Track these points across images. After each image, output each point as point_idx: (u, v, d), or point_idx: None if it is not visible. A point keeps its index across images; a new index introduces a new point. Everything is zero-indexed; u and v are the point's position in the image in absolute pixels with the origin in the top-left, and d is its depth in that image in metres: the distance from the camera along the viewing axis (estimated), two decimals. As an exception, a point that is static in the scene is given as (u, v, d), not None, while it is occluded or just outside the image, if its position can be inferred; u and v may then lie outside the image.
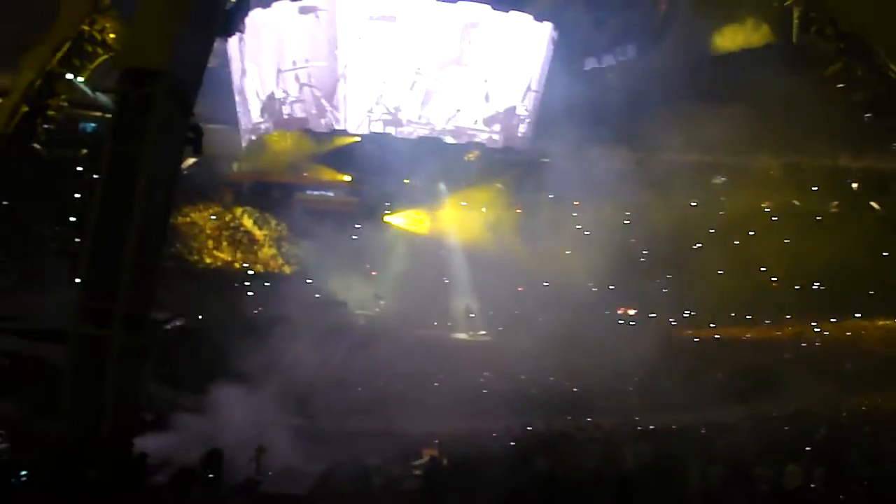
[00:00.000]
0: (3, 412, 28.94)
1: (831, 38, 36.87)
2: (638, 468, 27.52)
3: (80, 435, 22.33)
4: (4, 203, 43.44)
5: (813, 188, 52.24)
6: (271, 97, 48.85)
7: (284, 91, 48.68)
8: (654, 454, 28.94)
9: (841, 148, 49.11)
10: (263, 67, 48.85)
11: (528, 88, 49.20)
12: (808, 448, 29.02)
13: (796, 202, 52.96)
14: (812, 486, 25.05)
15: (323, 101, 47.42)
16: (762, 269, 50.36)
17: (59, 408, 23.34)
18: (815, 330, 50.53)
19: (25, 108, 35.85)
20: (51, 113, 37.45)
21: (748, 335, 50.10)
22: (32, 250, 44.49)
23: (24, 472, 22.72)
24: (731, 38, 48.21)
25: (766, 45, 45.39)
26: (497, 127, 49.33)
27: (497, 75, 48.65)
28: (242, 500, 23.95)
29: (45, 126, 38.13)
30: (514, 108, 49.41)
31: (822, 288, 51.35)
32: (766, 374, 43.04)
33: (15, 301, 40.23)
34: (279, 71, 48.48)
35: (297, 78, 48.05)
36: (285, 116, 48.90)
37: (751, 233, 51.98)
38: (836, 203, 53.58)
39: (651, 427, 34.85)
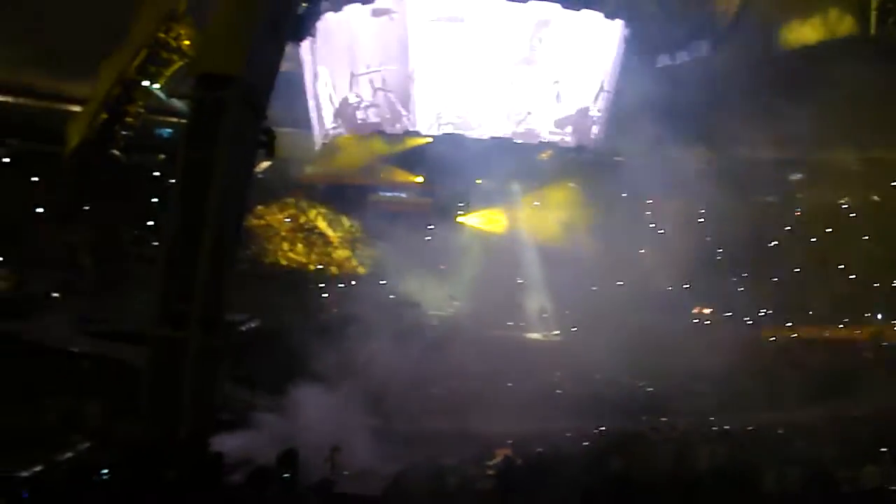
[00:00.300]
0: (85, 413, 29.56)
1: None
2: (713, 469, 27.25)
3: (158, 435, 22.73)
4: (86, 208, 44.25)
5: (893, 183, 51.11)
6: (345, 102, 49.41)
7: (358, 95, 49.18)
8: (729, 455, 28.68)
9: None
10: (336, 71, 49.33)
11: (601, 88, 49.08)
12: (886, 449, 28.49)
13: (876, 198, 51.91)
14: (891, 487, 24.64)
15: (397, 104, 47.79)
16: (840, 266, 49.40)
17: (138, 409, 23.82)
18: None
19: (105, 115, 36.56)
20: (129, 119, 38.14)
21: (826, 334, 49.08)
22: (113, 254, 45.27)
23: (104, 472, 23.15)
24: (808, 32, 47.52)
25: (845, 38, 44.69)
26: (569, 129, 49.43)
27: (568, 75, 48.64)
28: (318, 500, 24.13)
29: (124, 132, 38.80)
30: (587, 108, 49.43)
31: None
32: (845, 374, 42.24)
33: (96, 304, 41.02)
34: (352, 75, 48.97)
35: (370, 82, 48.47)
36: (359, 121, 49.43)
37: (828, 230, 50.99)
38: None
39: (726, 427, 34.46)
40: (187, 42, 36.86)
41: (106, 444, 25.35)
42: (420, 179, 54.27)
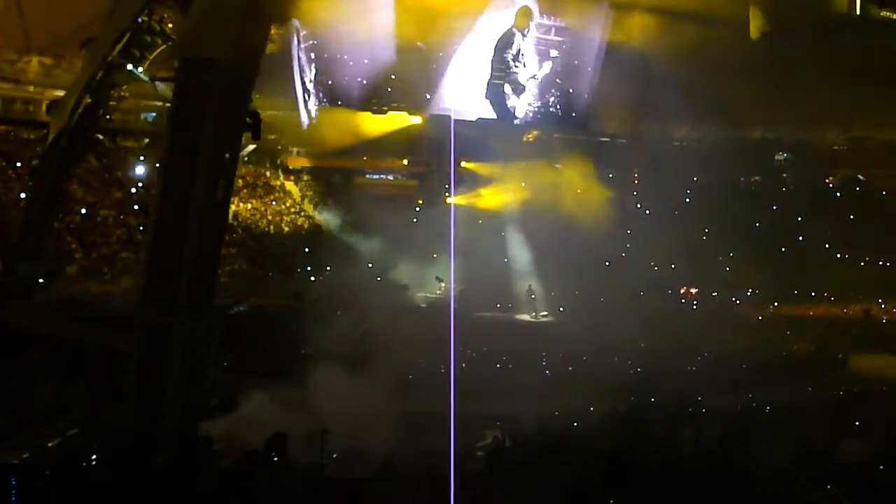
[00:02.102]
0: (72, 399, 29.43)
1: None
2: (702, 449, 27.37)
3: (146, 421, 22.69)
4: (71, 194, 44.08)
5: (879, 163, 51.30)
6: (330, 82, 49.16)
7: (344, 76, 49.00)
8: (718, 434, 28.78)
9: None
10: (323, 52, 49.12)
11: (586, 68, 49.05)
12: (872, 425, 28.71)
13: (861, 177, 52.09)
14: (879, 465, 24.79)
15: (384, 85, 47.68)
16: (826, 245, 49.58)
17: (126, 395, 23.74)
18: (883, 307, 49.57)
19: (88, 100, 36.27)
20: (113, 104, 37.85)
21: (812, 313, 49.23)
22: (99, 239, 45.12)
23: (93, 458, 23.09)
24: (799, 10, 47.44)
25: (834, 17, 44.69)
26: (555, 109, 49.27)
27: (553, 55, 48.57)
28: (307, 484, 24.12)
29: (108, 117, 38.55)
30: (571, 88, 49.26)
31: (887, 265, 50.41)
32: (832, 352, 42.40)
33: (83, 289, 40.87)
34: (338, 56, 48.76)
35: (357, 62, 48.31)
36: (344, 102, 49.23)
37: (813, 209, 51.16)
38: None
39: (715, 407, 34.55)
40: (171, 25, 36.56)
41: (94, 431, 25.22)
42: (406, 161, 54.21)
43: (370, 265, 47.60)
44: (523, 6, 48.59)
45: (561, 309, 47.90)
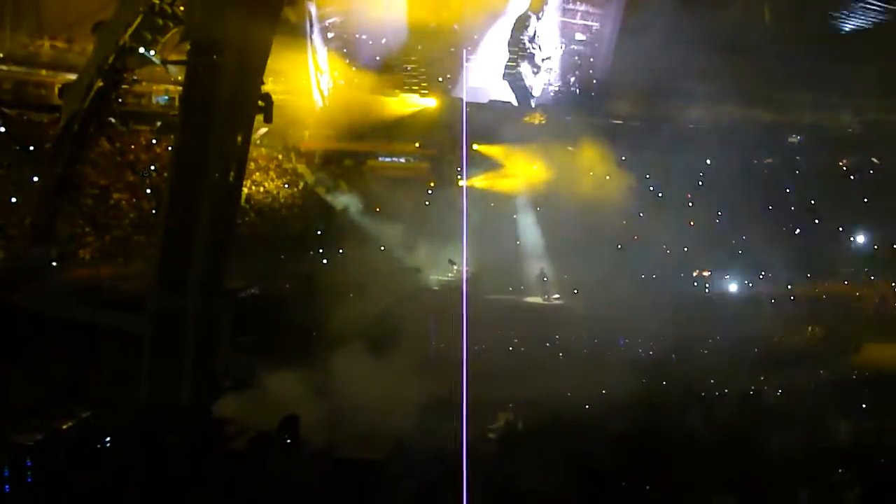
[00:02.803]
0: (86, 382, 29.58)
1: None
2: (711, 432, 27.44)
3: (159, 402, 22.80)
4: (84, 176, 44.15)
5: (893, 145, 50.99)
6: (342, 63, 49.30)
7: (357, 56, 49.11)
8: (730, 417, 28.85)
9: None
10: (337, 33, 49.22)
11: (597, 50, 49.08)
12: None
13: (875, 160, 51.85)
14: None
15: (397, 65, 47.76)
16: (840, 228, 49.42)
17: (139, 376, 23.84)
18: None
19: (100, 83, 36.23)
20: (125, 87, 37.82)
21: (825, 295, 49.09)
22: (112, 222, 45.20)
23: (107, 440, 23.23)
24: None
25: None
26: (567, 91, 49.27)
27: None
28: (319, 465, 24.21)
29: (120, 100, 38.54)
30: (585, 71, 49.22)
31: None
32: (845, 335, 42.37)
33: (96, 272, 40.99)
34: (352, 36, 48.84)
35: (369, 42, 48.36)
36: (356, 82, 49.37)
37: (826, 191, 50.96)
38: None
39: (725, 391, 34.60)
40: (182, 8, 36.50)
41: (108, 413, 25.35)
42: (418, 144, 54.15)
43: (382, 248, 47.58)
44: None
45: (575, 291, 47.84)
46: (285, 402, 26.80)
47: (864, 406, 31.79)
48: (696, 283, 50.74)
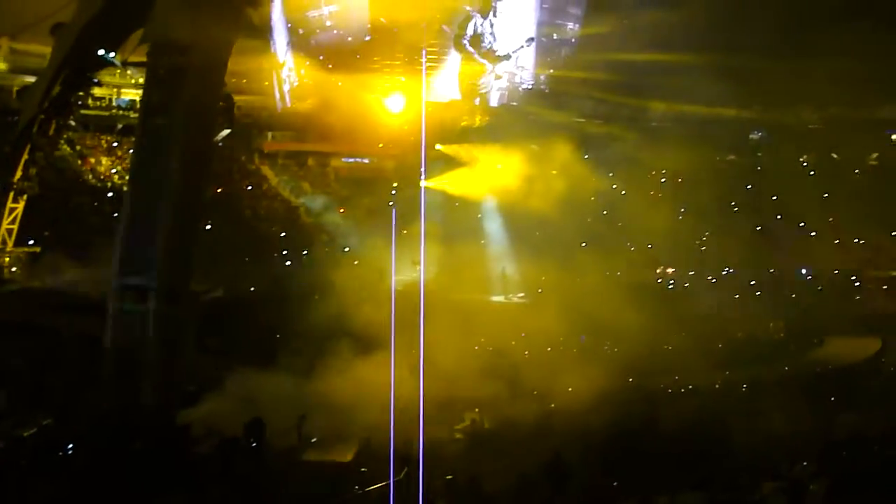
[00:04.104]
0: (48, 386, 29.28)
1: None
2: (682, 426, 27.56)
3: (123, 407, 22.61)
4: (44, 181, 43.81)
5: (852, 141, 51.48)
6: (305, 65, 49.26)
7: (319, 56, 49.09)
8: (695, 413, 29.00)
9: (881, 99, 48.28)
10: (296, 35, 49.11)
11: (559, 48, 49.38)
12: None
13: (834, 156, 52.32)
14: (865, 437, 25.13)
15: (359, 67, 47.79)
16: (801, 224, 49.84)
17: (102, 381, 23.63)
18: (856, 284, 49.97)
19: (59, 86, 35.91)
20: (84, 89, 37.50)
21: (788, 291, 49.57)
22: (74, 227, 44.80)
23: (69, 445, 22.99)
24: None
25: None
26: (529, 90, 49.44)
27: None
28: (286, 468, 24.13)
29: (80, 103, 38.21)
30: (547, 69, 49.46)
31: (862, 242, 50.75)
32: (807, 330, 42.79)
33: (58, 277, 40.62)
34: (312, 39, 48.74)
35: (329, 43, 48.37)
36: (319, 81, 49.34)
37: (787, 187, 51.36)
38: (875, 155, 52.85)
39: (691, 386, 34.82)
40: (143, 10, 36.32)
41: (71, 418, 25.11)
42: (381, 145, 54.08)
43: (346, 248, 47.49)
44: None
45: (540, 291, 47.93)
46: (250, 405, 26.70)
47: (824, 399, 32.14)
48: (659, 280, 51.03)
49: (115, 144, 48.53)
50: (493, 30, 49.92)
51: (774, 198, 51.18)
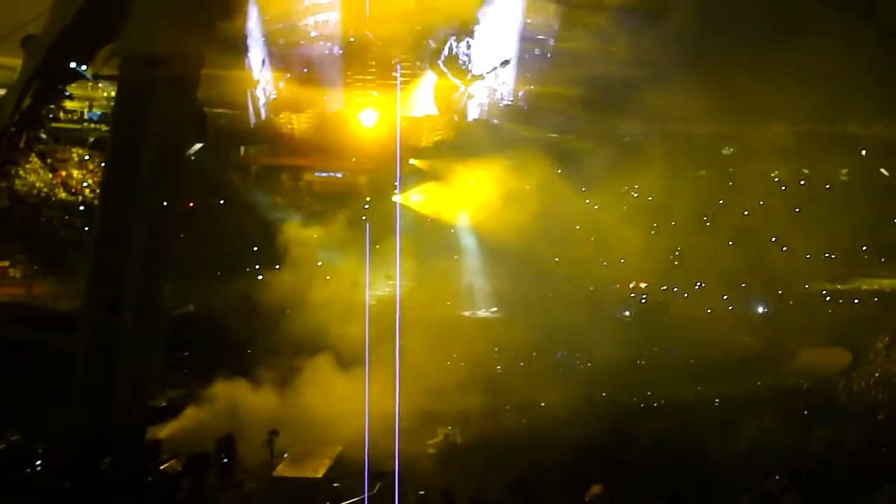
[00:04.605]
0: (16, 402, 29.00)
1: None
2: (654, 440, 27.66)
3: (92, 423, 22.40)
4: (15, 193, 43.53)
5: (823, 156, 51.77)
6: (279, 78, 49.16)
7: (293, 72, 49.01)
8: (668, 426, 29.09)
9: (849, 115, 48.63)
10: (270, 48, 49.05)
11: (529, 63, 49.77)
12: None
13: (805, 171, 52.64)
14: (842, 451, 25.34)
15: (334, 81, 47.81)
16: (773, 239, 50.10)
17: (71, 397, 23.42)
18: (827, 300, 50.32)
19: (30, 99, 35.72)
20: (55, 102, 37.32)
21: (760, 308, 49.82)
22: (44, 241, 44.49)
23: (37, 462, 22.75)
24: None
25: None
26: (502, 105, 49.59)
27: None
28: (257, 485, 24.01)
29: (51, 116, 38.02)
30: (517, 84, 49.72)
31: (832, 257, 51.12)
32: (778, 345, 43.01)
33: (27, 290, 40.36)
34: (285, 52, 48.70)
35: (304, 57, 48.36)
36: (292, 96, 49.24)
37: (761, 203, 51.62)
38: (845, 171, 53.19)
39: (663, 401, 34.93)
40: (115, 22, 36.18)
41: (39, 434, 24.86)
42: (355, 159, 53.98)
43: (319, 263, 47.32)
44: (470, 7, 49.03)
45: (512, 305, 47.95)
46: (220, 421, 26.59)
47: (796, 413, 32.33)
48: (632, 294, 51.15)
49: (86, 157, 48.15)
50: (469, 50, 50.19)
51: (746, 213, 51.37)
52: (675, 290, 50.81)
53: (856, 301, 49.97)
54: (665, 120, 48.54)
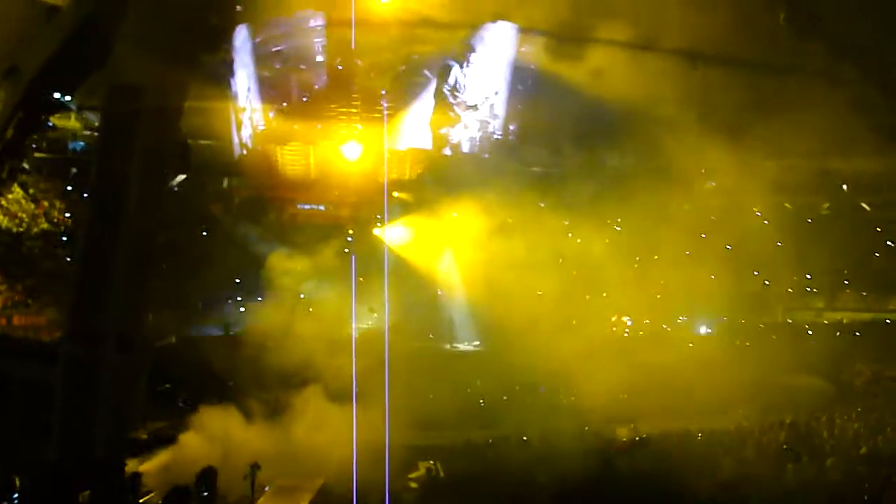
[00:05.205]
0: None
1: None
2: (636, 476, 27.64)
3: (72, 456, 22.21)
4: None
5: (804, 190, 52.13)
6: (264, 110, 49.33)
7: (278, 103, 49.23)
8: (652, 461, 29.10)
9: (830, 149, 48.93)
10: (256, 80, 49.25)
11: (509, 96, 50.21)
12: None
13: (787, 205, 52.89)
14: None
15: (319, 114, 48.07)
16: (755, 272, 50.36)
17: (50, 429, 23.22)
18: (809, 333, 50.59)
19: (12, 130, 35.61)
20: (38, 133, 37.25)
21: (743, 340, 49.95)
22: (25, 272, 44.28)
23: (15, 496, 22.55)
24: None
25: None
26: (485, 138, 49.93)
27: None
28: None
29: (34, 146, 37.95)
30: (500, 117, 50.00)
31: (814, 290, 51.48)
32: (763, 380, 43.07)
33: (7, 321, 40.14)
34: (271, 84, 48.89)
35: (288, 90, 48.50)
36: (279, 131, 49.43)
37: (742, 236, 51.81)
38: (826, 205, 53.60)
39: (646, 435, 34.92)
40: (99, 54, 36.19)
41: (17, 466, 24.64)
42: (338, 192, 54.01)
43: (302, 296, 47.21)
44: (463, 39, 49.55)
45: (495, 338, 47.88)
46: (202, 453, 26.43)
47: (776, 447, 32.49)
48: (614, 329, 51.23)
49: (69, 188, 48.01)
50: (465, 80, 50.62)
51: (728, 247, 51.54)
52: (658, 324, 50.98)
53: (837, 333, 50.30)
54: (651, 154, 48.79)
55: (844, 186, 53.31)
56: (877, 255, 50.95)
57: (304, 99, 50.31)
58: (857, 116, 39.76)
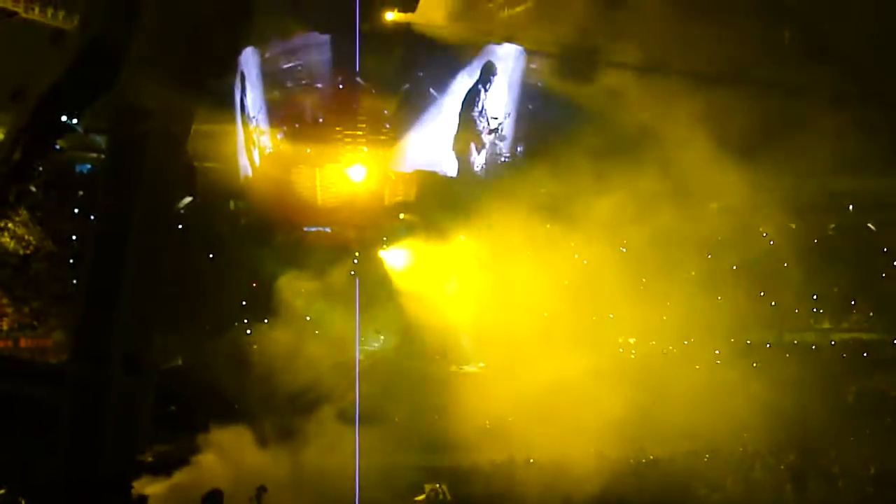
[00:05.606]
0: (1, 456, 28.77)
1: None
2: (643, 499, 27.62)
3: (78, 478, 22.22)
4: (3, 246, 43.50)
5: (810, 210, 52.12)
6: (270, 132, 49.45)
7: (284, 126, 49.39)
8: (659, 483, 29.06)
9: (836, 169, 48.95)
10: (262, 102, 49.39)
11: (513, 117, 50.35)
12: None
13: (792, 226, 52.83)
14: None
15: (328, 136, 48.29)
16: (761, 293, 50.30)
17: (57, 450, 23.23)
18: (816, 353, 50.52)
19: (19, 152, 35.77)
20: (45, 156, 37.38)
21: (748, 361, 49.80)
22: (31, 293, 44.38)
23: (22, 517, 22.58)
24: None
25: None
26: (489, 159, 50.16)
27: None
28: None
29: (41, 169, 38.07)
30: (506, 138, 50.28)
31: (821, 311, 51.39)
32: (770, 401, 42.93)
33: (14, 344, 40.20)
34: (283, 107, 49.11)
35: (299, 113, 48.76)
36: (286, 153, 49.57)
37: (749, 257, 51.82)
38: (833, 226, 53.58)
39: (652, 457, 34.85)
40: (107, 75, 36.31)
41: (23, 488, 24.63)
42: (344, 212, 54.08)
43: (307, 318, 47.19)
44: (488, 62, 49.86)
45: (501, 360, 47.78)
46: (208, 477, 26.37)
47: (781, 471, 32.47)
48: (620, 350, 51.12)
49: (76, 211, 48.13)
50: (489, 103, 51.10)
51: (735, 267, 51.54)
52: (664, 345, 50.88)
53: (843, 356, 50.17)
54: (652, 173, 48.81)
55: (851, 207, 53.37)
56: (883, 275, 50.90)
57: (310, 121, 50.34)
58: (864, 136, 39.73)
